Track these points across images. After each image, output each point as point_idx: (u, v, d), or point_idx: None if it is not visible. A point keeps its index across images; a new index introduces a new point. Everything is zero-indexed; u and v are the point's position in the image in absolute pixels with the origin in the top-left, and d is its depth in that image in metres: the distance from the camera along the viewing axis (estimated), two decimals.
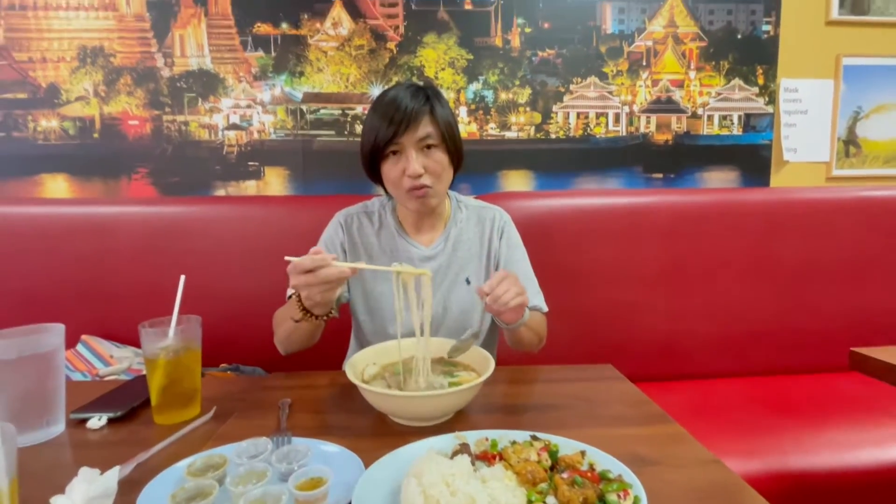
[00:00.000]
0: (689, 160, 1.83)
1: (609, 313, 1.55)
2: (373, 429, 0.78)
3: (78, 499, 0.55)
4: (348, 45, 1.70)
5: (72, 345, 1.36)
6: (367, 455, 0.65)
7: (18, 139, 1.65)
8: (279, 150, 1.73)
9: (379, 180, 1.07)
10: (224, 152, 1.71)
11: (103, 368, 1.32)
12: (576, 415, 0.82)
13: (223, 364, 1.41)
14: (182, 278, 0.85)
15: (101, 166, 1.68)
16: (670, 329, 1.57)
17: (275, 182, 1.73)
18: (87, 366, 1.33)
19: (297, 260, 0.79)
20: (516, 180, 1.79)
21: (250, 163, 1.72)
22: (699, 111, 1.82)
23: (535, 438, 0.66)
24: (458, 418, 0.80)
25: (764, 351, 1.59)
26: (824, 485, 1.14)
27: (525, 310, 0.96)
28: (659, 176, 1.83)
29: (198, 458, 0.64)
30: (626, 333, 1.55)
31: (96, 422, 0.80)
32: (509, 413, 0.84)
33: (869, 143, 1.88)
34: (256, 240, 1.47)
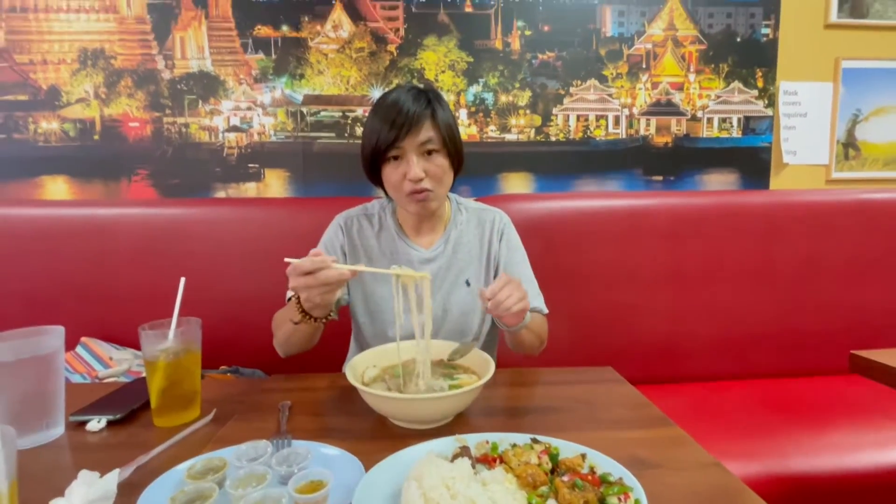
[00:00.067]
0: (689, 163, 1.83)
1: (609, 315, 1.55)
2: (373, 431, 0.78)
3: (77, 501, 0.55)
4: (349, 48, 1.71)
5: (71, 347, 1.36)
6: (368, 458, 0.65)
7: (19, 141, 1.65)
8: (279, 152, 1.73)
9: (379, 183, 1.07)
10: (224, 154, 1.72)
11: (103, 370, 1.32)
12: (576, 417, 0.82)
13: (223, 366, 1.41)
14: (182, 280, 0.84)
15: (101, 168, 1.68)
16: (671, 331, 1.57)
17: (275, 184, 1.74)
18: (86, 368, 1.32)
19: (296, 262, 0.79)
20: (516, 182, 1.79)
21: (250, 165, 1.73)
22: (699, 114, 1.83)
23: (535, 441, 0.66)
24: (458, 421, 0.80)
25: (764, 353, 1.59)
26: (825, 488, 1.14)
27: (526, 313, 0.96)
28: (659, 178, 1.83)
29: (197, 461, 0.64)
30: (627, 336, 1.55)
31: (96, 424, 0.80)
32: (510, 416, 0.84)
33: (868, 146, 1.88)
34: (256, 242, 1.47)
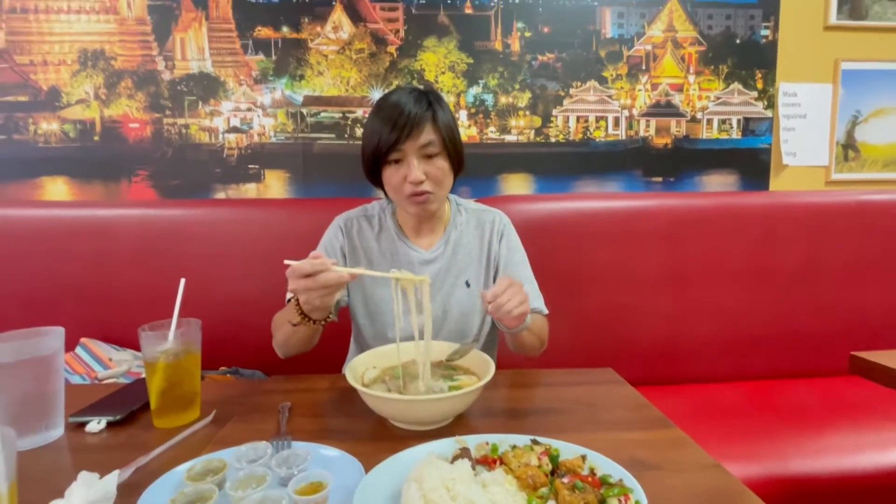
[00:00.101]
0: (689, 164, 1.84)
1: (609, 317, 1.55)
2: (373, 433, 0.77)
3: (77, 503, 0.55)
4: (349, 49, 1.71)
5: (71, 347, 1.36)
6: (368, 459, 0.65)
7: (19, 142, 1.65)
8: (279, 153, 1.73)
9: (379, 184, 1.07)
10: (224, 155, 1.72)
11: (102, 371, 1.32)
12: (576, 419, 0.82)
13: (222, 367, 1.41)
14: (182, 281, 0.84)
15: (101, 169, 1.68)
16: (670, 333, 1.57)
17: (275, 185, 1.74)
18: (86, 369, 1.32)
19: (296, 264, 0.79)
20: (516, 184, 1.79)
21: (250, 166, 1.73)
22: (698, 115, 1.83)
23: (535, 442, 0.66)
24: (458, 422, 0.80)
25: (764, 355, 1.59)
26: (825, 489, 1.14)
27: (527, 316, 0.96)
28: (658, 179, 1.83)
29: (197, 463, 0.64)
30: (627, 337, 1.55)
31: (95, 425, 0.80)
32: (510, 417, 0.84)
33: (867, 147, 1.88)
34: (256, 243, 1.47)
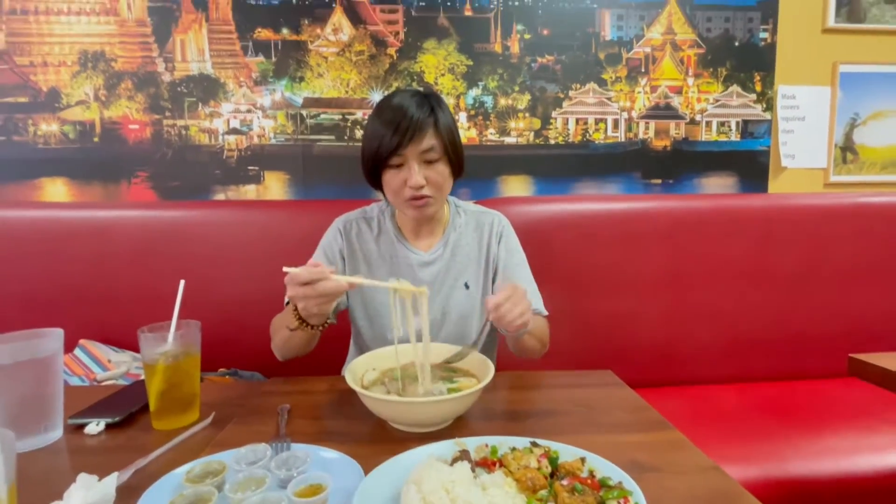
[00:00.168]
0: (688, 166, 1.84)
1: (608, 319, 1.55)
2: (372, 435, 0.77)
3: None
4: (349, 51, 1.71)
5: (70, 349, 1.36)
6: (367, 461, 0.65)
7: (19, 143, 1.65)
8: (279, 154, 1.73)
9: (379, 186, 1.07)
10: (224, 157, 1.72)
11: (101, 373, 1.32)
12: (575, 421, 0.82)
13: (222, 369, 1.41)
14: (182, 283, 0.84)
15: (101, 170, 1.68)
16: (669, 335, 1.57)
17: (275, 186, 1.74)
18: (84, 370, 1.32)
19: (294, 271, 0.78)
20: (515, 185, 1.79)
21: (250, 167, 1.73)
22: (697, 117, 1.83)
23: (534, 445, 0.66)
24: (457, 424, 0.80)
25: (763, 357, 1.59)
26: (823, 491, 1.14)
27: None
28: (657, 182, 1.84)
29: (196, 465, 0.64)
30: (626, 339, 1.55)
31: (94, 427, 0.80)
32: (509, 419, 0.84)
33: (866, 150, 1.89)
34: (256, 244, 1.47)
